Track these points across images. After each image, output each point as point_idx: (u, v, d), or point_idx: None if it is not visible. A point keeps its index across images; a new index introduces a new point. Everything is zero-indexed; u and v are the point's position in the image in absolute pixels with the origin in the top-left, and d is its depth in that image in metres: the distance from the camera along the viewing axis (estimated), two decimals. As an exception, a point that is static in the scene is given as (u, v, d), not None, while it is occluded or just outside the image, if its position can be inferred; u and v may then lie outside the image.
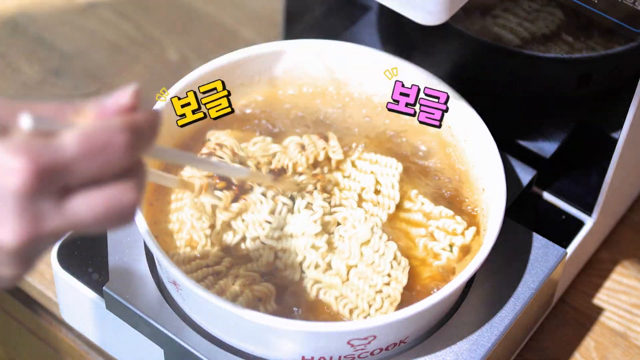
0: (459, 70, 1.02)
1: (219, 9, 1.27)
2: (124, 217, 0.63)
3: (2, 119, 0.61)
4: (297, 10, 1.12)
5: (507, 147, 1.03)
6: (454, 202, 0.95)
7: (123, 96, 0.64)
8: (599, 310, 1.05)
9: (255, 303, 0.86)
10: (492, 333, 0.90)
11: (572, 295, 1.05)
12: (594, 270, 1.07)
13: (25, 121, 0.60)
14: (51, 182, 0.60)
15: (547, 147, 1.04)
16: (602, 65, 1.01)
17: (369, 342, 0.85)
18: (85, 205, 0.62)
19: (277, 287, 0.88)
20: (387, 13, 1.07)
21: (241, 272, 0.88)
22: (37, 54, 1.21)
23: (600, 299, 1.06)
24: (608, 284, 1.07)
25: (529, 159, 1.03)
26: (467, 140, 0.96)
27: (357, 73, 1.01)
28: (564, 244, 0.99)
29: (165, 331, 0.88)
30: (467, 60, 1.04)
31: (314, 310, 0.87)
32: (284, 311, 0.87)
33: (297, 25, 1.13)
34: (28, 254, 0.61)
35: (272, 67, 1.00)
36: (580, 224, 1.02)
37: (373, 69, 1.00)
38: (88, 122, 0.63)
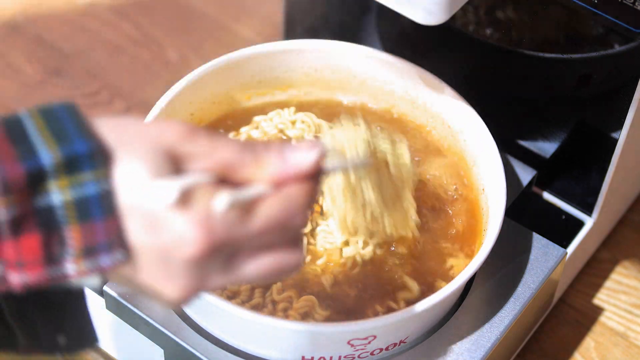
0: (459, 70, 1.02)
1: (219, 9, 1.27)
2: (286, 275, 0.65)
3: (190, 187, 0.61)
4: (297, 10, 1.12)
5: (507, 147, 1.03)
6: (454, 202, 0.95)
7: (309, 157, 0.63)
8: (599, 310, 1.05)
9: (306, 318, 0.86)
10: (492, 333, 0.90)
11: (572, 295, 1.05)
12: (594, 270, 1.08)
13: (220, 202, 0.60)
14: (224, 251, 0.61)
15: (547, 147, 1.04)
16: (602, 65, 1.01)
17: (369, 342, 0.85)
18: (252, 268, 0.63)
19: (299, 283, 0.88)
20: (387, 13, 1.07)
21: (275, 297, 0.88)
22: (37, 54, 1.21)
23: (600, 299, 1.06)
24: (608, 284, 1.07)
25: (529, 159, 1.03)
26: (467, 140, 0.96)
27: (358, 73, 1.01)
28: (564, 244, 0.99)
29: (165, 331, 0.88)
30: (467, 61, 1.04)
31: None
32: (334, 308, 0.87)
33: (297, 25, 1.13)
34: (187, 301, 0.63)
35: (272, 67, 1.00)
36: (580, 224, 1.02)
37: (373, 68, 1.00)
38: (272, 200, 0.62)
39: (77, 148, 0.58)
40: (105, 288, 0.90)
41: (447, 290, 0.84)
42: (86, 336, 0.68)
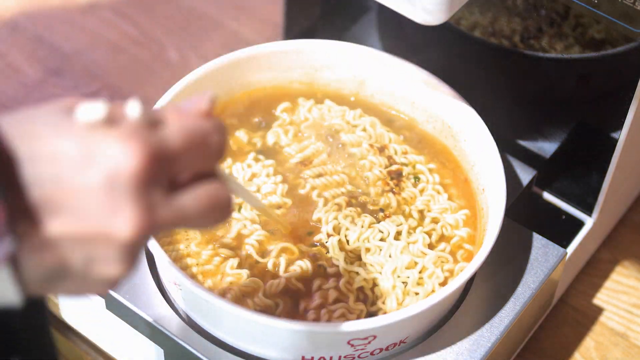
0: (459, 70, 1.02)
1: (219, 9, 1.27)
2: (224, 212, 0.65)
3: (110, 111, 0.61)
4: (297, 10, 1.12)
5: (507, 147, 1.03)
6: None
7: (201, 102, 0.65)
8: (599, 310, 1.05)
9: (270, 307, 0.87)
10: (492, 333, 0.90)
11: (572, 295, 1.05)
12: (594, 270, 1.07)
13: (133, 107, 0.61)
14: (161, 170, 0.61)
15: (547, 147, 1.04)
16: (602, 65, 1.01)
17: (369, 342, 0.85)
18: (191, 200, 0.63)
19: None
20: (387, 13, 1.07)
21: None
22: (37, 54, 1.21)
23: (600, 299, 1.06)
24: (608, 284, 1.07)
25: (529, 159, 1.03)
26: (467, 140, 0.96)
27: (358, 73, 1.01)
28: (564, 244, 0.99)
29: (165, 331, 0.88)
30: (467, 60, 1.04)
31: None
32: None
33: (297, 25, 1.13)
34: (137, 248, 0.61)
35: (272, 67, 1.00)
36: (580, 224, 1.02)
37: (373, 69, 1.00)
38: (178, 122, 0.63)
39: None
40: (105, 288, 0.90)
41: (447, 290, 0.84)
42: (44, 354, 0.67)
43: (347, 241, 0.90)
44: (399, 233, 0.91)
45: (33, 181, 0.58)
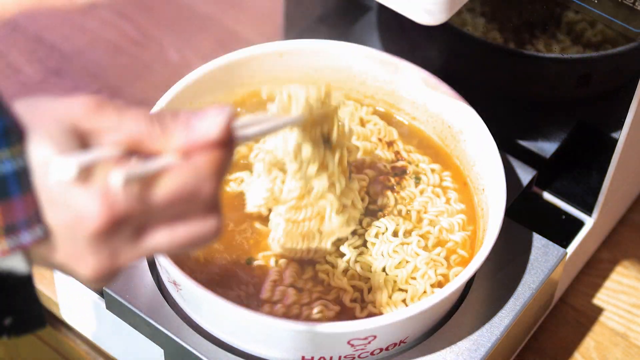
0: (459, 70, 1.02)
1: (219, 9, 1.27)
2: (204, 245, 0.64)
3: (90, 161, 0.61)
4: (297, 10, 1.12)
5: (507, 147, 1.03)
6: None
7: (216, 125, 0.63)
8: (599, 310, 1.05)
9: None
10: (492, 333, 0.90)
11: (572, 295, 1.05)
12: (594, 270, 1.07)
13: (115, 178, 0.60)
14: (130, 224, 0.61)
15: (547, 147, 1.04)
16: (602, 65, 1.01)
17: (369, 342, 0.85)
18: (164, 240, 0.62)
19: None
20: (387, 13, 1.07)
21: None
22: (37, 54, 1.21)
23: (600, 299, 1.06)
24: (608, 284, 1.07)
25: (529, 159, 1.03)
26: (467, 140, 0.96)
27: (358, 73, 1.01)
28: (564, 244, 0.99)
29: (165, 331, 0.88)
30: (467, 60, 1.04)
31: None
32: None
33: (297, 25, 1.13)
34: (105, 279, 0.62)
35: (272, 67, 1.00)
36: (580, 224, 1.02)
37: (373, 69, 1.00)
38: (177, 171, 0.62)
39: None
40: (105, 288, 0.90)
41: (447, 290, 0.84)
42: (33, 318, 0.67)
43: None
44: (395, 233, 0.91)
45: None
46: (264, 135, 0.77)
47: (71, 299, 0.97)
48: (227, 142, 0.63)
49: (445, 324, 0.90)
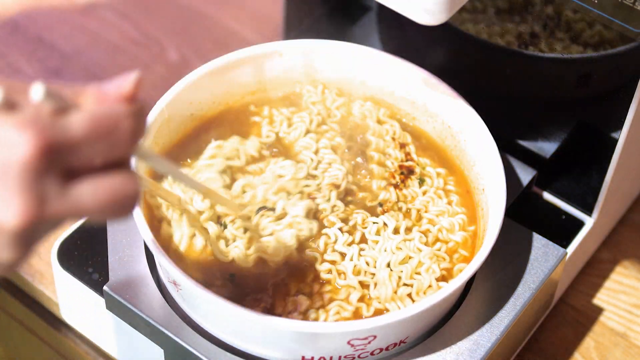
0: (459, 70, 1.02)
1: (219, 9, 1.27)
2: (126, 207, 0.63)
3: (12, 95, 0.60)
4: (297, 10, 1.12)
5: (507, 147, 1.03)
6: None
7: (125, 83, 0.64)
8: (599, 310, 1.05)
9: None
10: (492, 333, 0.90)
11: (572, 295, 1.05)
12: (594, 270, 1.07)
13: (36, 91, 0.59)
14: (57, 160, 0.59)
15: (547, 147, 1.04)
16: (602, 65, 1.01)
17: (369, 342, 0.85)
18: (90, 192, 0.61)
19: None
20: (387, 13, 1.07)
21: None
22: (37, 54, 1.21)
23: (600, 299, 1.06)
24: (608, 284, 1.07)
25: (529, 159, 1.03)
26: (467, 140, 0.96)
27: (358, 73, 1.01)
28: (564, 244, 0.99)
29: (165, 331, 0.88)
30: (467, 61, 1.04)
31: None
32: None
33: (297, 25, 1.13)
34: (29, 237, 0.60)
35: (272, 67, 1.00)
36: (580, 224, 1.02)
37: (373, 69, 1.00)
38: (93, 105, 0.62)
39: None
40: (105, 288, 0.90)
41: (447, 290, 0.84)
42: None
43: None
44: (396, 230, 0.91)
45: None
46: (166, 173, 0.78)
47: (71, 299, 0.97)
48: (137, 100, 0.63)
49: (445, 324, 0.90)
